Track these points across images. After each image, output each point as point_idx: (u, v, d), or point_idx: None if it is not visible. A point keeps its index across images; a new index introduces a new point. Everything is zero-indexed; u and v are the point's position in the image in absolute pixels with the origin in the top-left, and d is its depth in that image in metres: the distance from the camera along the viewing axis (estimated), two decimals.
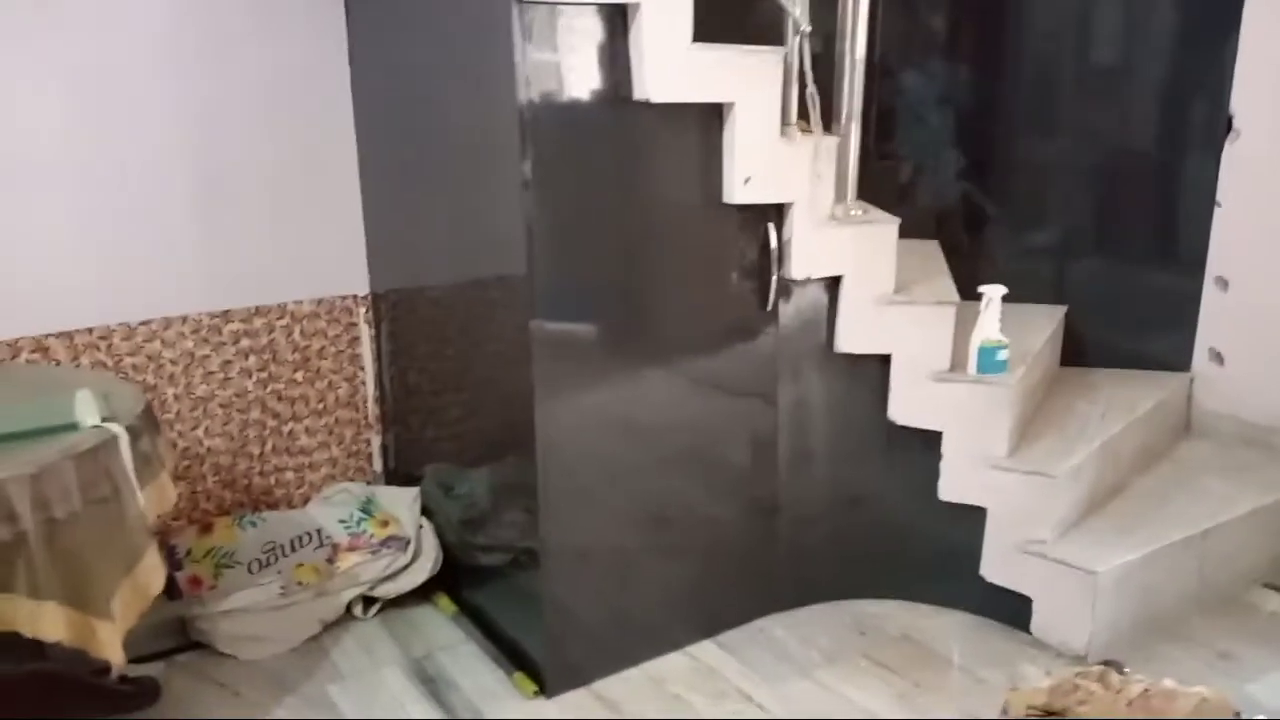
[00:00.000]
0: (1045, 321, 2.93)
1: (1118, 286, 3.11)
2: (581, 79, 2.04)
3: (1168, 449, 2.97)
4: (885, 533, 2.59)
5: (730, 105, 2.17)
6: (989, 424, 2.45)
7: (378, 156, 2.73)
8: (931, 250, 2.96)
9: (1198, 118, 2.92)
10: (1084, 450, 2.52)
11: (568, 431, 2.19)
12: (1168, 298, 3.07)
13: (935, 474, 2.50)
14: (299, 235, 2.73)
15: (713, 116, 2.19)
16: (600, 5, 1.99)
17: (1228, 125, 2.88)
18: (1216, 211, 2.95)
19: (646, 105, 2.05)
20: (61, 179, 2.40)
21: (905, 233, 2.46)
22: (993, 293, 2.44)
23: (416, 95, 2.47)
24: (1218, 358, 3.01)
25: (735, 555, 2.53)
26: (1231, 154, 2.89)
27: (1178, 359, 3.08)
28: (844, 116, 2.40)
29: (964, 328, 2.47)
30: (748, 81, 2.16)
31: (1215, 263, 2.98)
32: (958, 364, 2.47)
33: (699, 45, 2.06)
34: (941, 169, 3.19)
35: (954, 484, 2.49)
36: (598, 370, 2.23)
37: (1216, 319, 3.01)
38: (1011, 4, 3.04)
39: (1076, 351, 3.11)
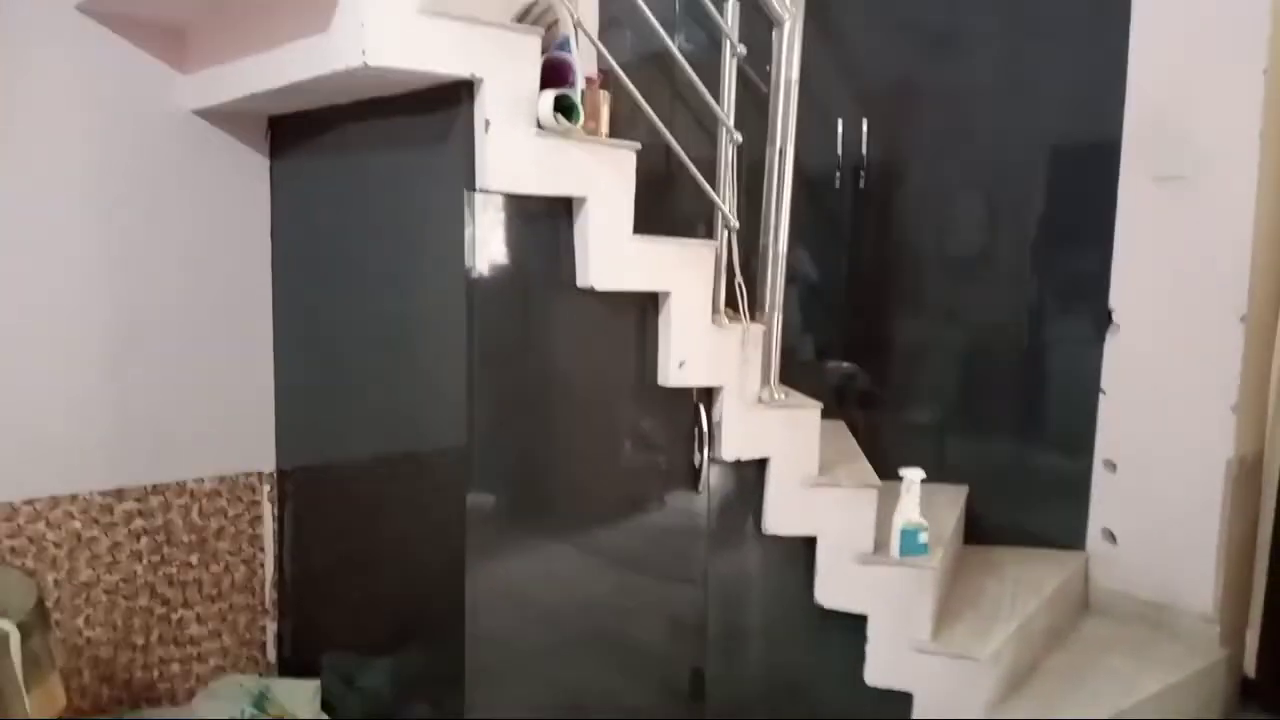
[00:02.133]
0: (950, 502, 3.02)
1: (1014, 468, 3.24)
2: (527, 264, 2.06)
3: (1071, 627, 3.04)
4: (813, 718, 2.54)
5: (667, 293, 2.22)
6: (913, 607, 2.47)
7: (294, 328, 2.67)
8: (841, 431, 3.04)
9: (1084, 310, 3.13)
10: (1003, 631, 2.56)
11: (495, 613, 2.11)
12: (1061, 479, 3.21)
13: (862, 658, 2.49)
14: (209, 407, 2.61)
15: (650, 303, 2.24)
16: (547, 197, 2.03)
17: (1108, 318, 3.10)
18: (1101, 398, 3.14)
19: (589, 291, 2.08)
20: None
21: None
22: (913, 475, 2.51)
23: (344, 271, 2.45)
24: (1110, 537, 3.15)
25: None
26: (1113, 346, 3.10)
27: (1073, 538, 3.20)
28: (768, 305, 2.49)
29: (883, 510, 2.51)
30: (684, 272, 2.23)
31: (1103, 446, 3.15)
32: (880, 547, 2.50)
33: (640, 237, 2.12)
34: (837, 352, 3.31)
35: (880, 668, 2.48)
36: (528, 548, 2.17)
37: (1107, 499, 3.16)
38: (900, 201, 3.25)
39: (976, 530, 3.20)
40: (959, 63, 3.15)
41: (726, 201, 2.36)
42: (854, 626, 2.49)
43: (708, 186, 2.30)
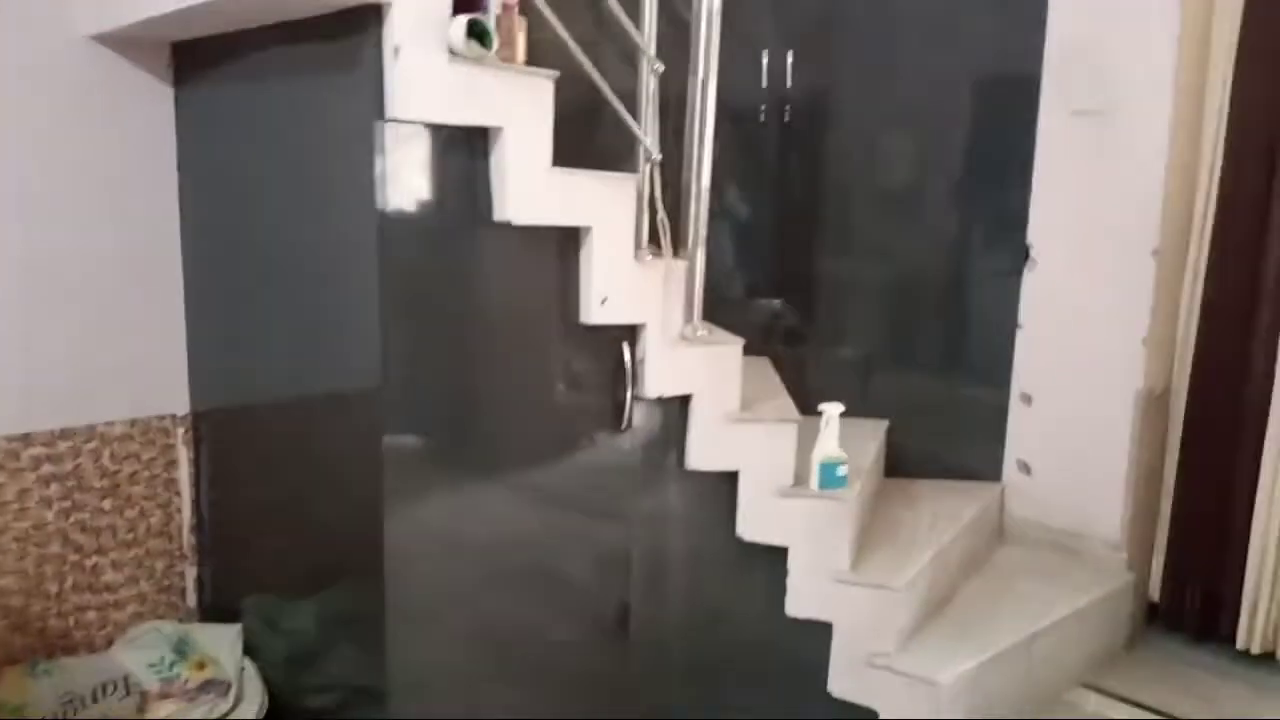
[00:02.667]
0: (870, 436, 3.07)
1: (932, 402, 3.31)
2: (442, 197, 2.01)
3: (986, 556, 3.13)
4: (736, 652, 2.58)
5: (588, 228, 2.19)
6: (832, 539, 2.51)
7: (206, 267, 2.59)
8: (764, 368, 3.06)
9: (1004, 245, 3.17)
10: (919, 561, 2.62)
11: (416, 553, 2.09)
12: (980, 412, 3.28)
13: (784, 589, 2.53)
14: (116, 349, 2.53)
15: (570, 239, 2.20)
16: (462, 127, 1.98)
17: (1026, 254, 3.14)
18: (1019, 333, 3.20)
19: (506, 226, 2.04)
20: None
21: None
22: (831, 410, 2.53)
23: (254, 206, 2.37)
24: (1025, 468, 3.23)
25: (586, 679, 2.45)
26: (1030, 281, 3.16)
27: (990, 470, 3.29)
28: (690, 241, 2.47)
29: (803, 444, 2.54)
30: (604, 206, 2.20)
31: (1019, 379, 3.22)
32: (800, 480, 2.53)
33: (559, 170, 2.08)
34: (762, 289, 3.32)
35: (801, 600, 2.53)
36: (448, 488, 2.15)
37: (1023, 432, 3.24)
38: (825, 137, 3.25)
39: (897, 463, 3.26)
40: None
41: (649, 133, 2.32)
42: (775, 559, 2.53)
43: (629, 117, 2.26)
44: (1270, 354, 2.82)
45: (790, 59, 3.15)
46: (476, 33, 1.89)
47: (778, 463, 2.50)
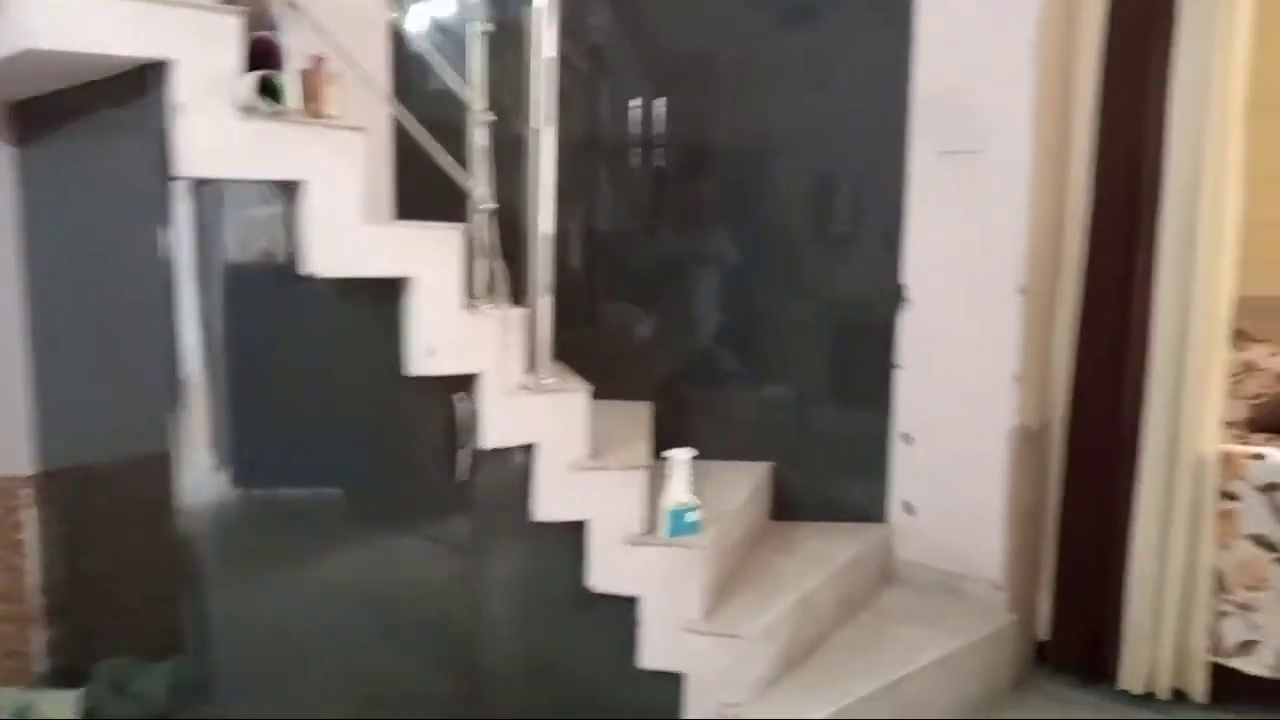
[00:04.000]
0: (746, 479, 3.03)
1: (819, 443, 3.28)
2: (244, 251, 2.00)
3: (867, 599, 3.08)
4: (588, 705, 2.52)
5: (409, 279, 2.17)
6: (684, 588, 2.47)
7: (46, 326, 2.55)
8: (641, 412, 3.03)
9: (881, 286, 3.15)
10: (779, 607, 2.58)
11: (245, 620, 2.07)
12: (864, 453, 3.25)
13: (635, 641, 2.48)
14: None
15: (394, 289, 2.19)
16: (267, 181, 1.96)
17: (901, 293, 3.14)
18: (898, 373, 3.18)
19: (322, 278, 2.02)
20: None
21: (624, 395, 2.50)
22: (678, 455, 2.50)
23: (83, 265, 2.35)
24: (909, 509, 3.20)
25: None
26: (907, 320, 3.15)
27: (877, 511, 3.25)
28: (533, 288, 2.45)
29: (664, 490, 2.51)
30: (426, 256, 2.18)
31: (900, 419, 3.20)
32: (652, 528, 2.50)
33: (371, 222, 2.07)
34: (648, 334, 3.31)
35: (653, 650, 2.48)
36: (278, 552, 2.12)
37: (906, 472, 3.21)
38: (705, 179, 3.25)
39: (785, 507, 3.23)
40: (755, 41, 3.16)
41: (480, 183, 2.31)
42: (628, 609, 2.48)
43: (456, 168, 2.25)
44: (1138, 389, 2.82)
45: (665, 103, 3.16)
46: (270, 88, 1.88)
47: (627, 511, 2.47)
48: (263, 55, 1.92)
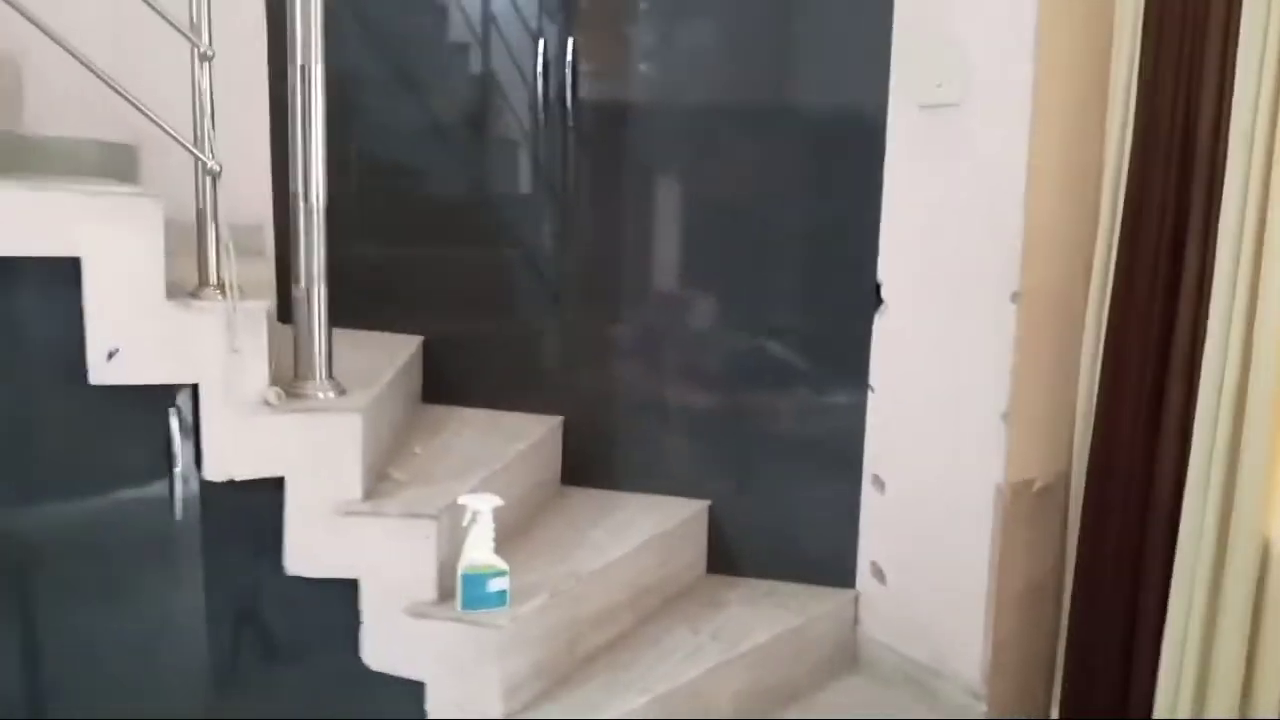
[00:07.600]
0: (658, 520, 2.39)
1: (773, 484, 2.57)
2: None
3: (813, 692, 2.37)
4: None
5: (77, 261, 1.66)
6: (480, 677, 1.87)
7: None
8: (532, 431, 2.44)
9: (854, 286, 2.41)
10: (631, 704, 1.94)
11: None
12: (828, 498, 2.52)
13: None
14: None
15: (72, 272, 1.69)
16: None
17: (876, 294, 2.39)
18: (869, 397, 2.43)
19: None
20: None
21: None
22: (479, 504, 1.88)
23: None
24: (879, 573, 2.46)
25: None
26: (882, 329, 2.40)
27: (839, 571, 2.52)
28: (304, 275, 1.90)
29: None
30: (100, 231, 1.66)
31: (872, 458, 2.45)
32: (449, 595, 1.91)
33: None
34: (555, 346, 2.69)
35: None
36: None
37: (876, 526, 2.46)
38: (624, 144, 2.59)
39: (724, 557, 2.56)
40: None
41: (204, 140, 1.78)
42: (414, 695, 1.91)
43: (164, 125, 1.72)
44: (1180, 442, 1.98)
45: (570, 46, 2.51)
46: None
47: (413, 571, 1.89)
48: None
